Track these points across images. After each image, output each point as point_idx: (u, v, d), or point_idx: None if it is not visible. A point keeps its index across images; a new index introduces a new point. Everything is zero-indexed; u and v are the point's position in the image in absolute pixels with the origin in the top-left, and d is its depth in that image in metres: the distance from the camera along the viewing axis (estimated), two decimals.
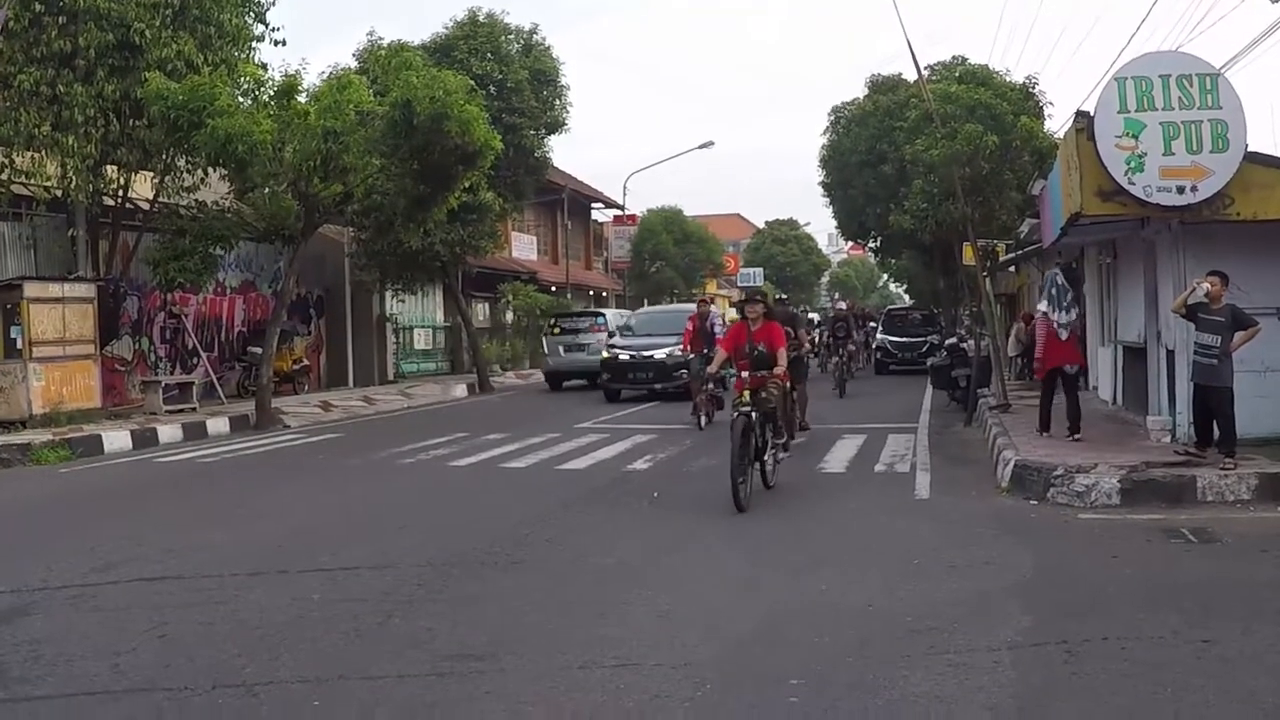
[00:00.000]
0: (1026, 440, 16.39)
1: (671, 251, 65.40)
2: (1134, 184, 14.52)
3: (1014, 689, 6.55)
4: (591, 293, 65.10)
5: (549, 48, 38.94)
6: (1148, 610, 8.12)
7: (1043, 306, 17.74)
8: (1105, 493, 12.83)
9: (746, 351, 14.13)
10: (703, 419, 22.15)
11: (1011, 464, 14.31)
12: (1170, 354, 16.00)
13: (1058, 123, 35.84)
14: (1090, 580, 9.23)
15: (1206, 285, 13.87)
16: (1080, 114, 15.32)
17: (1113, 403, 21.11)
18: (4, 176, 22.68)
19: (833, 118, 43.57)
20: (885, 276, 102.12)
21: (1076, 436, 16.57)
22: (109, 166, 24.27)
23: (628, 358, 30.94)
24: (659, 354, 30.45)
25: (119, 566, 10.37)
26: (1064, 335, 17.19)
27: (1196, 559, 10.16)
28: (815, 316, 59.34)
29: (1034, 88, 36.30)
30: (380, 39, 36.02)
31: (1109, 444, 15.80)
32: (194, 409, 26.07)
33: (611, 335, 35.29)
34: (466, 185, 29.67)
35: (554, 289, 53.05)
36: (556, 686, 6.83)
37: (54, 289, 23.10)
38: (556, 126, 38.70)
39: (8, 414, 21.72)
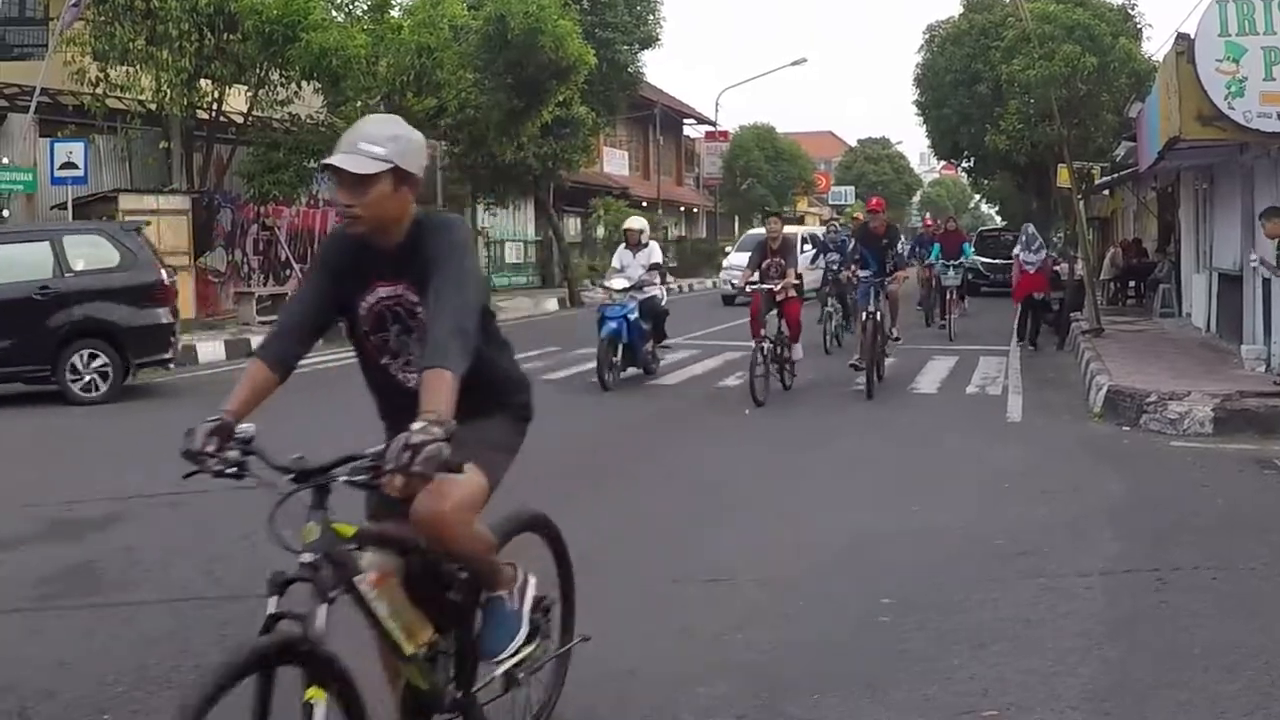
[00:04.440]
0: (1118, 364, 16.29)
1: (763, 169, 64.79)
2: (1234, 109, 14.33)
3: (1104, 615, 6.56)
4: (683, 209, 65.00)
5: None
6: (1239, 541, 8.09)
7: (1016, 250, 22.51)
8: (1198, 421, 12.73)
9: None
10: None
11: (1104, 389, 14.23)
12: (1267, 282, 15.80)
13: (1156, 45, 35.55)
14: (1181, 509, 9.19)
15: None
16: (1181, 37, 15.12)
17: (1206, 330, 20.88)
18: (100, 90, 22.85)
19: (927, 36, 43.09)
20: (978, 197, 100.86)
21: (1032, 347, 21.49)
22: (203, 80, 24.36)
23: None
24: None
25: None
26: (1031, 270, 21.65)
27: None
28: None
29: (1133, 8, 35.69)
30: None
31: (1203, 372, 15.66)
32: None
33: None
34: (559, 100, 29.68)
35: (645, 204, 52.91)
36: (649, 599, 6.91)
37: (149, 201, 23.40)
38: (649, 41, 38.43)
39: None
